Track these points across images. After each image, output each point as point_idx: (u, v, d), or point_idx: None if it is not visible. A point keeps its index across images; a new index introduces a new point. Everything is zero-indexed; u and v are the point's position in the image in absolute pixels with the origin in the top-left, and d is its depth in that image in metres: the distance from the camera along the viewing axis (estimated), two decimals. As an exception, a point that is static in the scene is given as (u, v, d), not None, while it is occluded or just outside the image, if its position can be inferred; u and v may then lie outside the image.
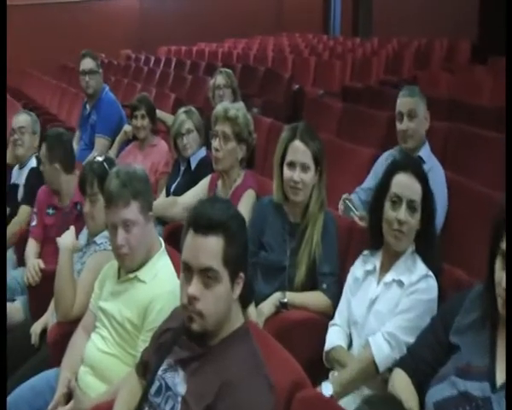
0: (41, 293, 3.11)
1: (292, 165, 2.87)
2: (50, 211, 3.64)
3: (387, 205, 2.52)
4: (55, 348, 2.71)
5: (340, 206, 3.43)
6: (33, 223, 3.67)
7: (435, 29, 11.15)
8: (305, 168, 2.86)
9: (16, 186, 4.26)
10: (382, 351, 2.42)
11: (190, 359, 1.88)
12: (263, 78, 7.66)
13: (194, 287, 1.78)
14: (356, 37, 13.19)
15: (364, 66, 8.86)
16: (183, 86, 7.62)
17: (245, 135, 3.42)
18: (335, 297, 2.82)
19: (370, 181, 3.74)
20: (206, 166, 3.92)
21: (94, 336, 2.51)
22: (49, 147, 3.60)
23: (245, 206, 3.33)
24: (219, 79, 4.93)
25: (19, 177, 4.29)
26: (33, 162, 4.25)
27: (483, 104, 5.88)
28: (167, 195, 4.11)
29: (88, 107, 5.37)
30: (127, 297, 2.44)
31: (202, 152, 4.10)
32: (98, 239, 2.91)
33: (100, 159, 3.00)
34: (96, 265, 2.76)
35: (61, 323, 2.78)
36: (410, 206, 2.48)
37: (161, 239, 2.60)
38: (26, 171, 4.23)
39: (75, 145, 5.21)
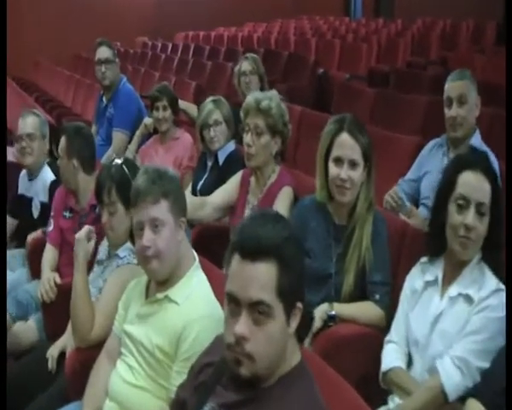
0: (57, 311, 2.78)
1: (339, 161, 2.56)
2: (67, 214, 3.32)
3: (452, 208, 2.20)
4: (74, 379, 2.41)
5: (388, 200, 3.10)
6: (50, 228, 3.34)
7: (459, 10, 10.88)
8: (353, 165, 2.55)
9: (28, 199, 3.86)
10: (452, 378, 2.12)
11: (238, 404, 1.58)
12: (286, 63, 7.32)
13: (243, 325, 1.48)
14: (378, 18, 12.82)
15: (390, 48, 8.58)
16: (202, 73, 7.32)
17: (280, 127, 3.12)
18: (388, 308, 2.55)
19: (415, 172, 3.49)
20: (235, 162, 3.64)
21: (120, 365, 2.21)
22: (68, 140, 3.25)
23: (282, 205, 3.05)
24: (245, 66, 4.64)
25: (30, 189, 3.88)
26: (47, 172, 3.84)
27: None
28: (193, 192, 3.83)
29: (104, 99, 5.03)
30: (157, 321, 2.13)
31: (231, 146, 3.79)
32: (121, 252, 2.60)
33: (118, 161, 2.68)
34: (119, 281, 2.45)
35: (81, 349, 2.48)
36: (479, 209, 2.17)
37: (195, 253, 2.29)
38: (40, 184, 3.83)
39: (91, 141, 4.93)
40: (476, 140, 3.29)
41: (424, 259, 2.39)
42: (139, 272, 2.34)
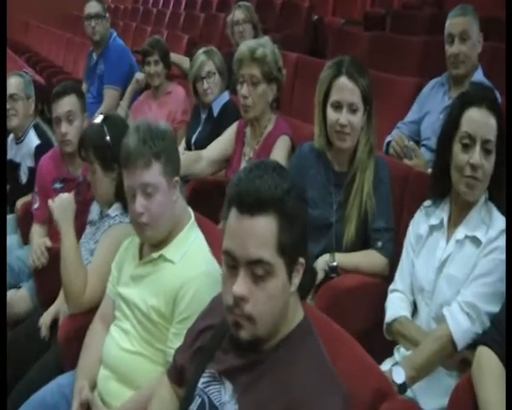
0: (50, 276, 2.65)
1: (338, 106, 2.45)
2: (58, 185, 3.11)
3: (457, 147, 2.09)
4: (68, 347, 2.30)
5: (395, 147, 3.01)
6: (35, 205, 3.17)
7: None
8: (353, 109, 2.44)
9: (15, 164, 3.71)
10: (461, 325, 2.03)
11: (240, 369, 1.48)
12: (280, 10, 7.11)
13: (242, 285, 1.37)
14: (371, -40, 12.43)
15: (385, -10, 8.24)
16: (195, 26, 7.13)
17: (275, 73, 3.00)
18: (391, 256, 2.48)
19: (415, 114, 3.39)
20: (230, 113, 3.54)
21: (114, 330, 2.11)
22: (79, 95, 3.07)
23: (280, 154, 2.95)
24: (238, 14, 4.51)
25: (17, 153, 3.72)
26: (32, 136, 3.67)
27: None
28: (187, 146, 3.74)
29: (94, 56, 4.90)
30: (152, 282, 2.04)
31: (225, 96, 3.67)
32: (112, 211, 2.48)
33: (98, 120, 2.52)
34: (111, 241, 2.35)
35: (74, 315, 2.36)
36: (485, 147, 2.06)
37: (190, 210, 2.18)
38: (26, 148, 3.66)
39: (82, 99, 4.80)
40: (478, 77, 3.18)
41: (428, 202, 2.29)
42: (132, 231, 2.24)
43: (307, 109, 3.78)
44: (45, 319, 2.61)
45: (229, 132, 3.21)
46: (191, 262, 2.01)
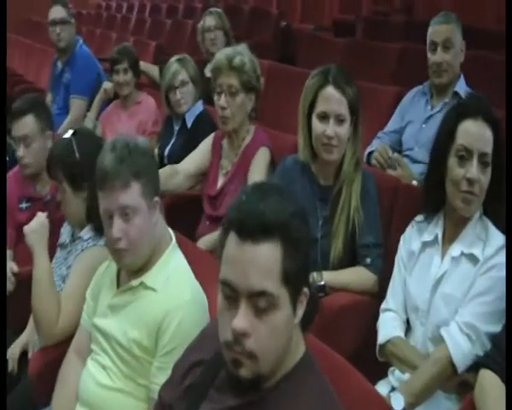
0: (20, 302, 2.44)
1: (324, 117, 2.34)
2: (24, 205, 2.96)
3: (453, 161, 2.00)
4: (40, 382, 2.13)
5: (378, 158, 2.92)
6: None
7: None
8: (340, 120, 2.34)
9: None
10: (461, 347, 1.94)
11: (238, 409, 1.35)
12: (248, 17, 7.01)
13: (243, 319, 1.24)
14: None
15: (353, -3, 8.20)
16: (162, 33, 6.99)
17: (254, 82, 2.88)
18: (381, 272, 2.38)
19: (396, 123, 3.31)
20: (204, 123, 3.43)
21: (91, 364, 1.94)
22: (38, 114, 2.88)
23: (260, 167, 2.85)
24: (209, 21, 4.39)
25: None
26: None
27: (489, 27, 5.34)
28: (160, 160, 3.57)
29: (60, 64, 4.69)
30: (132, 312, 1.88)
31: (199, 107, 3.54)
32: (84, 234, 2.30)
33: (67, 135, 2.33)
34: (85, 266, 2.18)
35: (45, 348, 2.18)
36: (482, 160, 1.97)
37: (171, 232, 2.03)
38: None
39: (47, 110, 4.60)
40: (461, 86, 3.12)
41: (420, 217, 2.20)
42: (107, 255, 2.08)
43: (280, 118, 3.69)
44: (13, 352, 2.42)
45: (205, 145, 3.07)
46: (174, 290, 1.86)
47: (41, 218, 2.28)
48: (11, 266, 2.65)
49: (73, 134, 2.30)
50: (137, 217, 1.85)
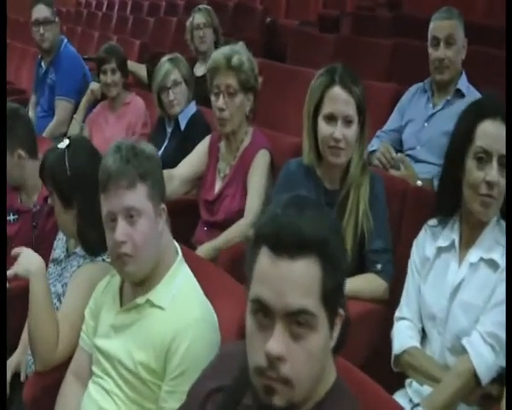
0: (11, 319, 2.25)
1: (331, 118, 2.24)
2: (11, 218, 2.77)
3: (471, 163, 1.91)
4: (36, 408, 1.98)
5: (380, 158, 2.83)
6: None
7: None
8: (348, 121, 2.24)
9: None
10: (485, 359, 1.86)
11: None
12: (233, 14, 6.88)
13: (279, 342, 1.13)
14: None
15: (337, -8, 8.11)
16: (144, 31, 6.83)
17: (252, 82, 2.79)
18: (391, 278, 2.30)
19: (395, 122, 3.23)
20: (198, 125, 3.33)
21: (93, 388, 1.81)
22: (9, 130, 2.69)
23: (260, 170, 2.76)
24: (198, 18, 4.28)
25: None
26: None
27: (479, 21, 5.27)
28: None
29: (44, 65, 4.52)
30: (138, 332, 1.76)
31: (192, 108, 3.42)
32: (80, 249, 2.14)
33: (62, 145, 2.14)
34: (83, 284, 2.03)
35: (42, 373, 2.02)
36: (501, 162, 1.88)
37: (177, 244, 1.91)
38: None
39: (31, 112, 4.44)
40: (463, 83, 3.06)
41: (433, 221, 2.11)
42: (107, 271, 1.97)
43: (271, 117, 3.57)
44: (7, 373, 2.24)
45: (201, 148, 2.96)
46: (183, 307, 1.74)
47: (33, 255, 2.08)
48: None
49: (68, 146, 2.12)
50: (143, 220, 1.73)
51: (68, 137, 2.17)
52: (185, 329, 1.69)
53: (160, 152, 3.41)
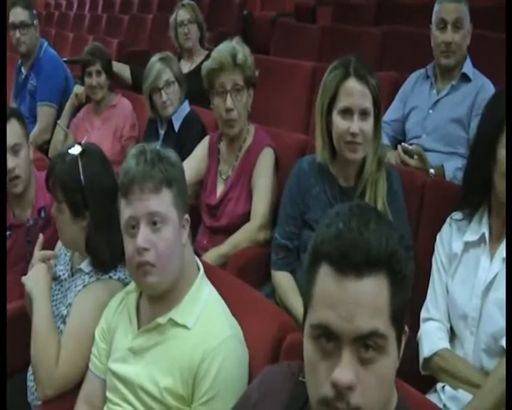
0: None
1: (347, 112, 2.13)
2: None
3: (503, 153, 1.80)
4: None
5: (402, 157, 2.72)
6: None
7: None
8: (364, 115, 2.13)
9: None
10: None
11: None
12: (209, 8, 6.73)
13: (348, 369, 1.02)
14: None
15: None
16: (119, 29, 6.65)
17: (255, 77, 2.68)
18: (412, 276, 2.15)
19: (397, 111, 3.12)
20: (193, 125, 3.20)
21: None
22: (20, 119, 2.55)
23: (266, 170, 2.64)
24: (182, 15, 4.15)
25: None
26: None
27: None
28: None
29: (23, 70, 4.33)
30: (161, 355, 1.62)
31: (185, 108, 3.28)
32: (86, 266, 1.98)
33: (74, 151, 1.97)
34: (91, 303, 1.89)
35: (49, 403, 1.86)
36: None
37: (198, 259, 1.78)
38: None
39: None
40: (468, 67, 2.96)
41: (458, 215, 2.01)
42: (114, 290, 1.84)
43: (262, 111, 3.44)
44: None
45: (200, 150, 2.83)
46: (210, 326, 1.62)
47: (40, 268, 1.98)
48: None
49: (81, 153, 1.96)
50: (167, 228, 1.61)
51: (79, 144, 2.01)
52: (214, 349, 1.56)
53: (154, 155, 3.28)
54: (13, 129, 2.49)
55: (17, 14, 4.16)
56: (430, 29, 2.97)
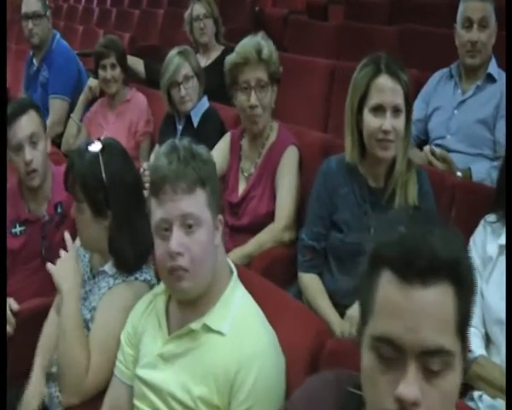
0: (20, 346, 2.11)
1: (379, 109, 2.07)
2: (17, 229, 2.52)
3: None
4: None
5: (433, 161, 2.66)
6: None
7: None
8: (397, 111, 2.07)
9: None
10: None
11: None
12: (221, 4, 6.66)
13: (413, 384, 0.96)
14: None
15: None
16: (129, 23, 6.55)
17: (279, 73, 2.63)
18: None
19: (420, 111, 3.04)
20: (212, 121, 3.13)
21: None
22: (38, 110, 2.52)
23: (290, 168, 2.58)
24: (198, 9, 4.06)
25: None
26: None
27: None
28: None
29: (35, 61, 4.26)
30: (194, 362, 1.55)
31: (205, 103, 3.21)
32: (109, 268, 1.92)
33: (95, 149, 1.90)
34: (116, 307, 1.82)
35: (73, 408, 1.80)
36: None
37: (231, 262, 1.71)
38: None
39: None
40: (493, 67, 2.89)
41: (491, 217, 1.98)
42: (142, 291, 1.78)
43: (277, 110, 3.39)
44: (29, 404, 1.97)
45: (222, 147, 2.77)
46: (246, 332, 1.55)
47: (68, 257, 1.90)
48: (10, 304, 2.27)
49: (102, 150, 1.89)
50: (201, 231, 1.53)
51: (99, 139, 1.95)
52: (251, 358, 1.50)
53: (171, 151, 3.22)
54: (31, 119, 2.44)
55: (30, 5, 4.10)
56: (454, 28, 2.91)
